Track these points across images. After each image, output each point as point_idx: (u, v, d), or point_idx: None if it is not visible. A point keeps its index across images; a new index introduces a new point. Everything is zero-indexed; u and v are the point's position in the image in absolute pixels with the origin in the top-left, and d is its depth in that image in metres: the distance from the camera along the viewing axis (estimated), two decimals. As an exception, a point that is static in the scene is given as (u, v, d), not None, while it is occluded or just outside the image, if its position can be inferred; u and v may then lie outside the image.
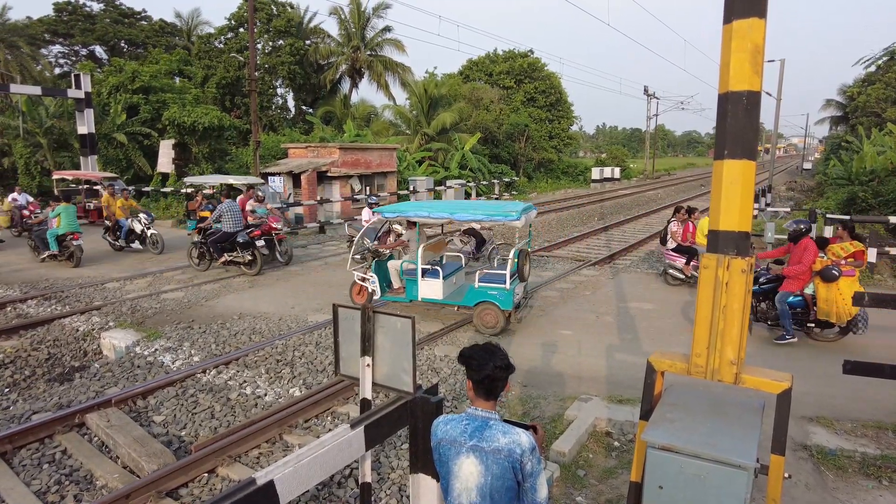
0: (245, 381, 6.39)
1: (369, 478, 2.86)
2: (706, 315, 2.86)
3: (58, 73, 37.38)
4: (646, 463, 2.72)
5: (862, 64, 34.79)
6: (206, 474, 4.66)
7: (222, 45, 33.80)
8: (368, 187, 21.80)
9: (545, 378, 6.43)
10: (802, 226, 7.18)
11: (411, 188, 22.17)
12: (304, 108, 37.34)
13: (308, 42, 35.45)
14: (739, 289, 2.76)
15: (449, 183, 24.35)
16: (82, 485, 4.62)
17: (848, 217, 12.82)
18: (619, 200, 29.14)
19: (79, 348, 7.88)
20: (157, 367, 6.95)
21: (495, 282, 7.75)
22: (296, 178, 19.69)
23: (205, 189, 16.00)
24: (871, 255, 10.79)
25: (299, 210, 18.41)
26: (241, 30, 33.08)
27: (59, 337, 8.10)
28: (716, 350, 2.85)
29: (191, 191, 18.31)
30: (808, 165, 53.38)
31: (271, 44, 34.39)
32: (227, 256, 11.55)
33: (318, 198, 18.93)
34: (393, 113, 34.59)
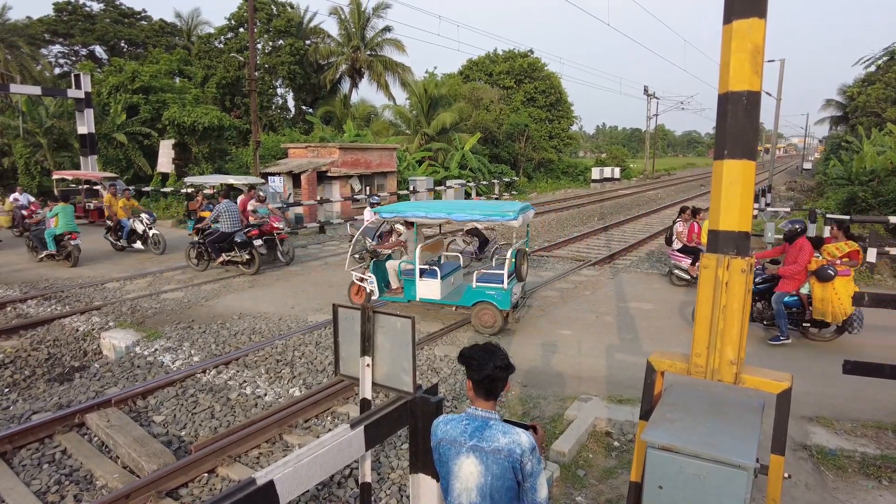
0: (245, 381, 6.39)
1: (369, 478, 2.86)
2: (706, 315, 2.86)
3: (58, 73, 37.39)
4: (646, 463, 2.72)
5: (862, 64, 34.85)
6: (206, 474, 4.66)
7: (222, 45, 33.82)
8: (368, 187, 21.80)
9: (545, 378, 6.43)
10: (798, 226, 7.18)
11: (411, 188, 22.18)
12: (304, 108, 37.36)
13: (308, 42, 35.47)
14: (739, 289, 2.77)
15: (449, 183, 24.35)
16: (82, 485, 4.62)
17: (848, 217, 12.83)
18: (619, 200, 29.14)
19: (79, 348, 7.88)
20: (157, 367, 6.96)
21: (493, 282, 7.75)
22: (296, 178, 19.70)
23: (205, 189, 16.00)
24: (871, 255, 10.79)
25: (299, 210, 18.41)
26: (241, 30, 33.10)
27: (59, 337, 8.10)
28: (716, 350, 2.85)
29: (191, 191, 18.31)
30: (808, 165, 53.37)
31: (271, 44, 34.41)
32: (226, 256, 11.56)
33: (318, 198, 18.93)
34: (393, 113, 34.60)
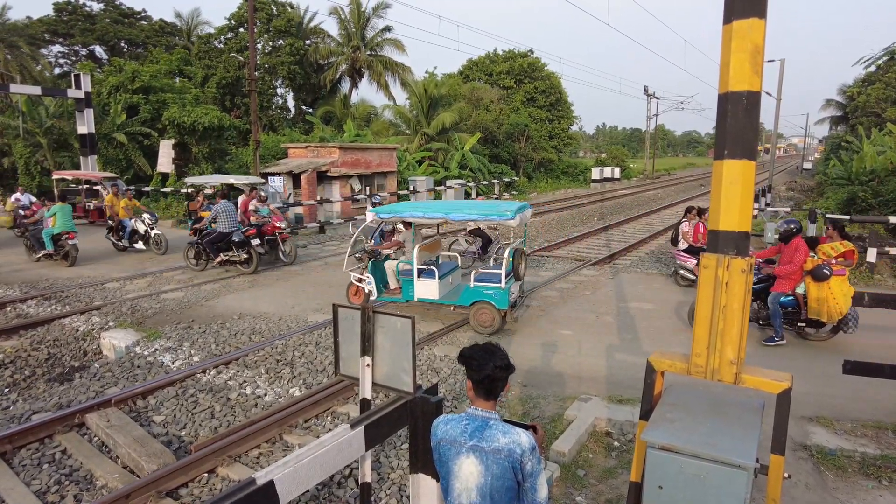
0: (245, 381, 6.39)
1: (369, 478, 2.86)
2: (706, 315, 2.86)
3: (58, 73, 37.39)
4: (646, 463, 2.72)
5: (862, 64, 34.83)
6: (206, 474, 4.66)
7: (222, 45, 33.82)
8: (368, 187, 21.80)
9: (545, 378, 6.43)
10: (793, 226, 7.20)
11: (411, 188, 22.18)
12: (304, 108, 37.36)
13: (308, 42, 35.47)
14: (739, 289, 2.76)
15: (449, 183, 24.36)
16: (82, 485, 4.62)
17: (848, 217, 12.83)
18: (619, 200, 29.13)
19: (79, 348, 7.88)
20: (157, 367, 6.96)
21: (490, 281, 7.77)
22: (296, 178, 19.70)
23: (206, 189, 16.01)
24: (871, 255, 10.79)
25: (299, 210, 18.41)
26: (241, 30, 33.11)
27: (59, 337, 8.10)
28: (716, 350, 2.85)
29: (191, 191, 18.31)
30: (808, 165, 53.36)
31: (271, 44, 34.41)
32: (223, 256, 11.59)
33: (318, 198, 18.93)
34: (393, 113, 34.59)
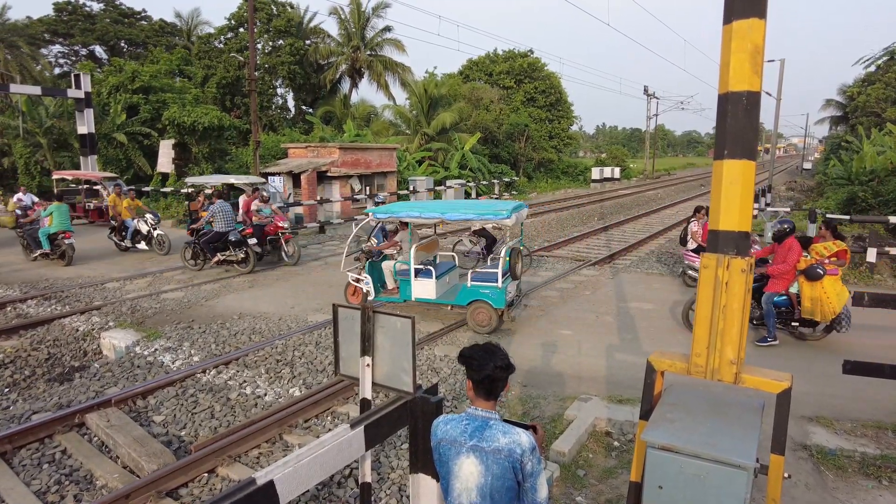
0: (245, 381, 6.39)
1: (369, 478, 2.86)
2: (706, 315, 2.86)
3: (58, 73, 37.38)
4: (646, 463, 2.72)
5: (862, 64, 34.81)
6: (206, 474, 4.66)
7: (222, 45, 33.81)
8: (368, 187, 21.80)
9: (545, 378, 6.43)
10: (786, 226, 7.22)
11: (411, 188, 22.17)
12: (304, 108, 37.35)
13: (308, 42, 35.46)
14: (739, 288, 2.77)
15: (449, 183, 24.36)
16: (82, 485, 4.62)
17: (848, 217, 12.84)
18: (619, 200, 29.13)
19: (79, 348, 7.87)
20: (157, 367, 6.96)
21: (487, 280, 7.79)
22: (296, 178, 19.70)
23: (206, 189, 16.00)
24: (871, 255, 10.80)
25: (299, 210, 18.42)
26: (241, 30, 33.10)
27: (59, 337, 8.10)
28: (716, 350, 2.85)
29: (191, 191, 18.30)
30: (807, 165, 53.35)
31: (271, 44, 34.41)
32: (220, 256, 11.60)
33: (318, 198, 18.93)
34: (393, 113, 34.59)
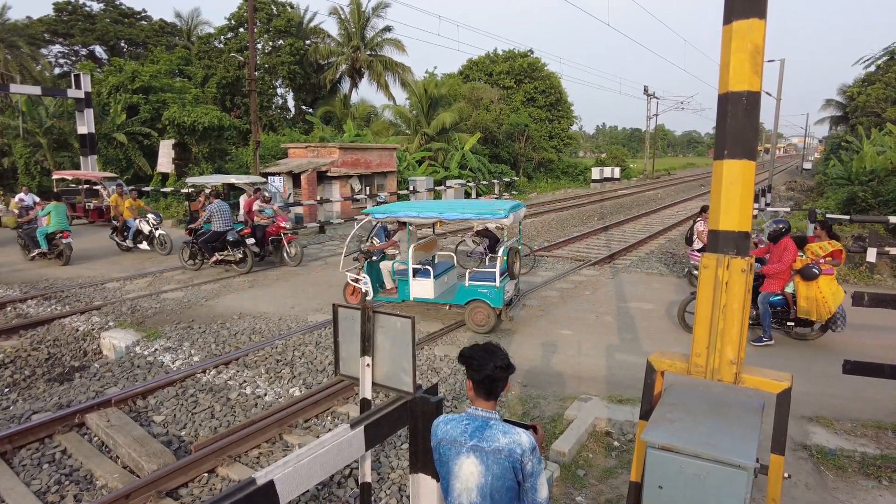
0: (245, 381, 6.39)
1: (369, 478, 2.86)
2: (706, 315, 2.86)
3: (58, 73, 37.38)
4: (646, 463, 2.72)
5: (862, 64, 34.79)
6: (206, 474, 4.66)
7: (222, 45, 33.81)
8: (368, 187, 21.80)
9: (545, 378, 6.43)
10: (782, 226, 7.24)
11: (411, 188, 22.18)
12: (304, 108, 37.34)
13: (308, 42, 35.46)
14: (739, 288, 2.76)
15: (449, 183, 24.37)
16: (82, 485, 4.62)
17: (847, 217, 12.84)
18: (619, 200, 29.13)
19: (79, 348, 7.87)
20: (157, 367, 6.96)
21: (485, 280, 7.81)
22: (296, 178, 19.69)
23: (206, 189, 16.00)
24: (871, 255, 10.81)
25: (299, 210, 18.42)
26: (241, 30, 33.10)
27: (59, 337, 8.10)
28: (716, 350, 2.85)
29: (191, 191, 18.30)
30: (807, 165, 53.36)
31: (271, 44, 34.40)
32: (218, 256, 11.60)
33: (318, 198, 18.93)
34: (393, 113, 34.59)
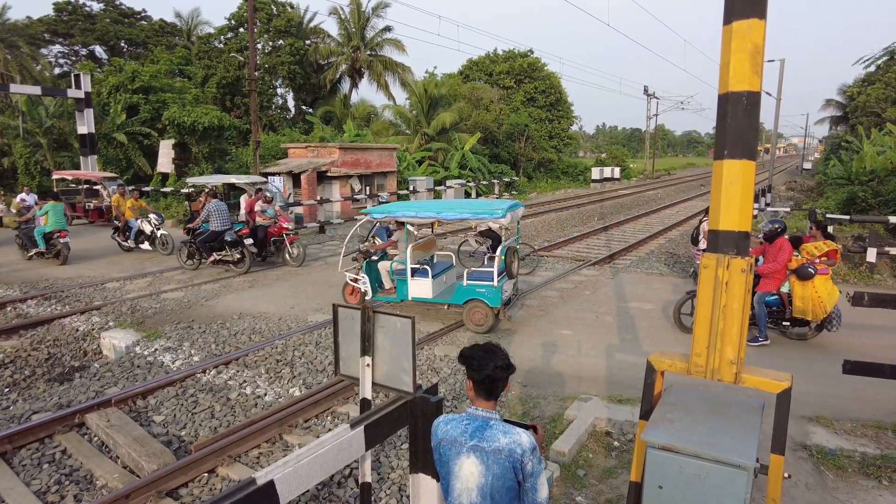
0: (245, 381, 6.39)
1: (369, 478, 2.86)
2: (706, 315, 2.86)
3: (58, 73, 37.39)
4: (646, 463, 2.72)
5: (862, 64, 34.77)
6: (206, 474, 4.66)
7: (222, 45, 33.82)
8: (368, 187, 21.80)
9: (545, 378, 6.43)
10: (777, 226, 7.25)
11: (411, 188, 22.18)
12: (304, 108, 37.35)
13: (308, 42, 35.47)
14: (739, 288, 2.77)
15: (449, 183, 24.37)
16: (82, 485, 4.62)
17: (847, 217, 12.84)
18: (619, 200, 29.13)
19: (79, 348, 7.87)
20: (157, 367, 6.96)
21: (483, 279, 7.81)
22: (296, 178, 19.69)
23: (207, 189, 15.99)
24: (871, 255, 10.81)
25: (299, 210, 18.42)
26: (241, 30, 33.10)
27: (59, 337, 8.10)
28: (716, 350, 2.85)
29: (191, 191, 18.29)
30: (807, 165, 53.35)
31: (271, 44, 34.41)
32: (216, 256, 11.61)
33: (318, 198, 18.93)
34: (393, 113, 34.58)
